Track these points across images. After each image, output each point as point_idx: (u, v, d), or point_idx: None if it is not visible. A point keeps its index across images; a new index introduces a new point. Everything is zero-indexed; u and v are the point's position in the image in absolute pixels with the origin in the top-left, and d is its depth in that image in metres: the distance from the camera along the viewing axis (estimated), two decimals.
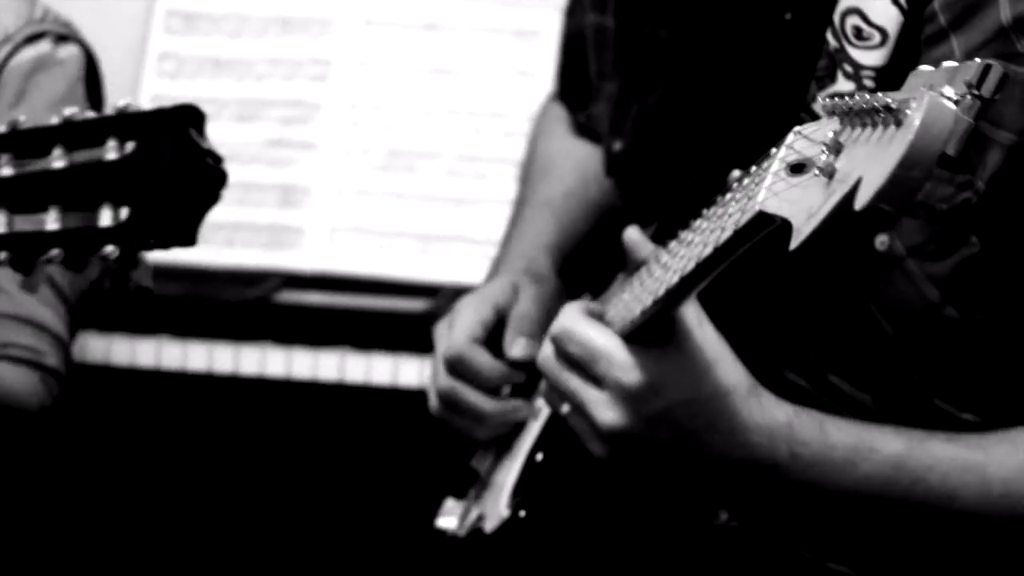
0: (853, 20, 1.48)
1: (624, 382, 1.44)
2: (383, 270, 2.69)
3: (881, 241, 1.49)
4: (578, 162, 1.94)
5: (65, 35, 1.99)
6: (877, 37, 1.49)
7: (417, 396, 1.89)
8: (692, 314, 1.44)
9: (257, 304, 2.63)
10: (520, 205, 1.96)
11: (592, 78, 1.82)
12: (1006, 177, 1.45)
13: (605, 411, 1.46)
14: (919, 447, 1.47)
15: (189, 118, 1.41)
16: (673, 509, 1.61)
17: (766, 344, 1.57)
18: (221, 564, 2.74)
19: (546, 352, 1.52)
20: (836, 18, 1.50)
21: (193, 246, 1.41)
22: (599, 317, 1.52)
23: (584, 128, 1.95)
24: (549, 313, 1.71)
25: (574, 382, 1.49)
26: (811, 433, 1.46)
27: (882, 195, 1.07)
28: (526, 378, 1.75)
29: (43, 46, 1.98)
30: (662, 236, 1.51)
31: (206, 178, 1.40)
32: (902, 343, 1.51)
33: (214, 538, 2.78)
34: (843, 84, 1.53)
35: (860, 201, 1.08)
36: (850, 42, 1.50)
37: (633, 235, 1.55)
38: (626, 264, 1.62)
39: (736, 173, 1.36)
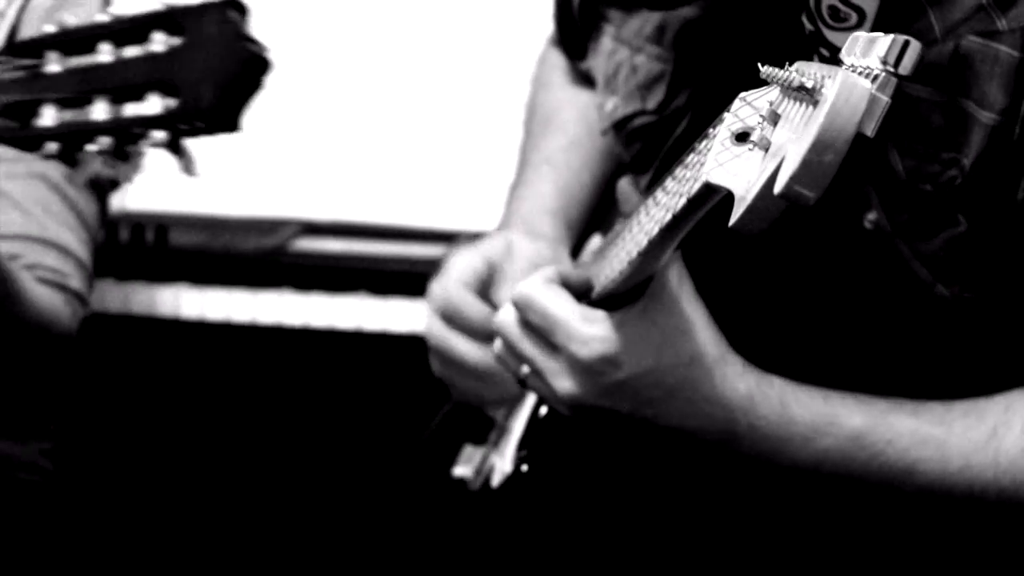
0: (829, 1, 1.45)
1: (580, 355, 1.45)
2: (400, 219, 2.68)
3: (869, 220, 1.48)
4: (581, 110, 1.91)
5: None
6: (854, 17, 1.45)
7: None
8: (669, 276, 1.44)
9: (275, 253, 2.63)
10: (522, 162, 1.94)
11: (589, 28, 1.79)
12: (990, 157, 1.42)
13: (562, 381, 1.47)
14: (881, 421, 1.47)
15: (234, 9, 1.43)
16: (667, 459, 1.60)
17: (762, 319, 1.56)
18: (240, 511, 2.75)
19: (507, 316, 1.52)
20: (812, 1, 1.46)
21: (237, 131, 1.43)
22: (575, 283, 1.51)
23: (584, 76, 1.91)
24: None
25: (532, 350, 1.49)
26: (771, 407, 1.46)
27: (796, 179, 1.05)
28: None
29: None
30: (652, 188, 1.49)
31: (249, 65, 1.42)
32: (893, 320, 1.50)
33: (234, 484, 2.78)
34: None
35: (778, 185, 1.07)
36: (827, 24, 1.47)
37: (623, 187, 1.55)
38: (619, 216, 1.61)
39: (700, 143, 1.34)
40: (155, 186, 2.62)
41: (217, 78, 1.42)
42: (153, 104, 1.43)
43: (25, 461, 2.05)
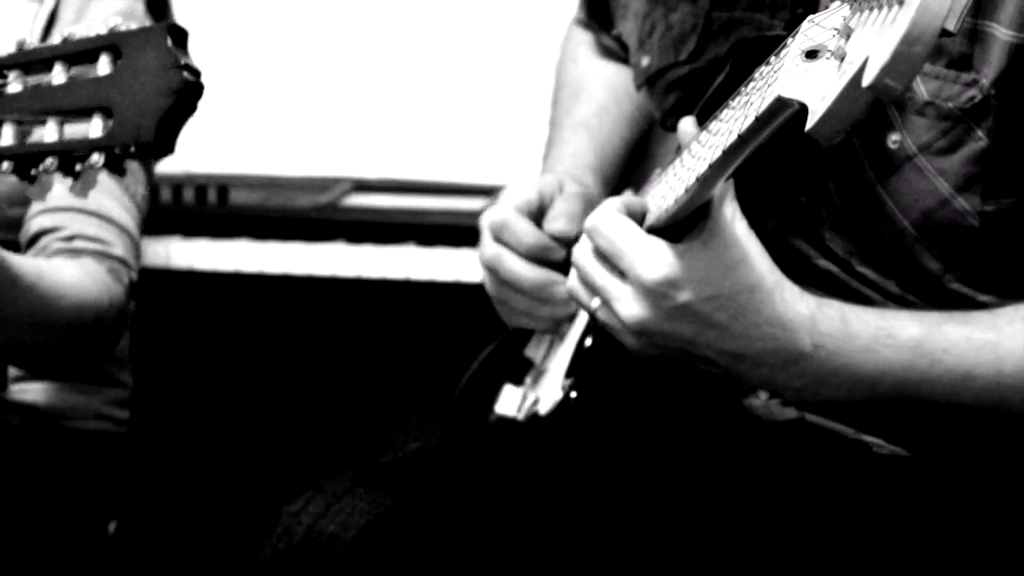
0: None
1: (644, 277, 1.42)
2: (443, 175, 2.69)
3: (893, 140, 1.50)
4: (608, 80, 1.93)
5: None
6: None
7: (478, 289, 1.90)
8: (725, 211, 1.42)
9: (328, 208, 2.63)
10: (556, 127, 1.95)
11: None
12: (1010, 75, 1.45)
13: (628, 304, 1.45)
14: (936, 330, 1.47)
15: (171, 35, 1.43)
16: (713, 390, 1.61)
17: (798, 235, 1.57)
18: (300, 447, 2.76)
19: (580, 245, 1.50)
20: None
21: (171, 154, 1.43)
22: (636, 210, 1.50)
23: (609, 50, 1.94)
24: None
25: (602, 275, 1.47)
26: (833, 324, 1.45)
27: (887, 70, 1.06)
28: (565, 258, 1.71)
29: None
30: (702, 126, 1.48)
31: (182, 93, 1.41)
32: (918, 234, 1.51)
33: (296, 424, 2.80)
34: None
35: (867, 78, 1.07)
36: None
37: (685, 125, 1.52)
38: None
39: (760, 69, 1.34)
40: (216, 149, 2.63)
41: (149, 104, 1.41)
42: (95, 126, 1.44)
43: (99, 410, 2.04)
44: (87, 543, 2.02)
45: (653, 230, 1.48)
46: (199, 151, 2.63)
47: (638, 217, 1.50)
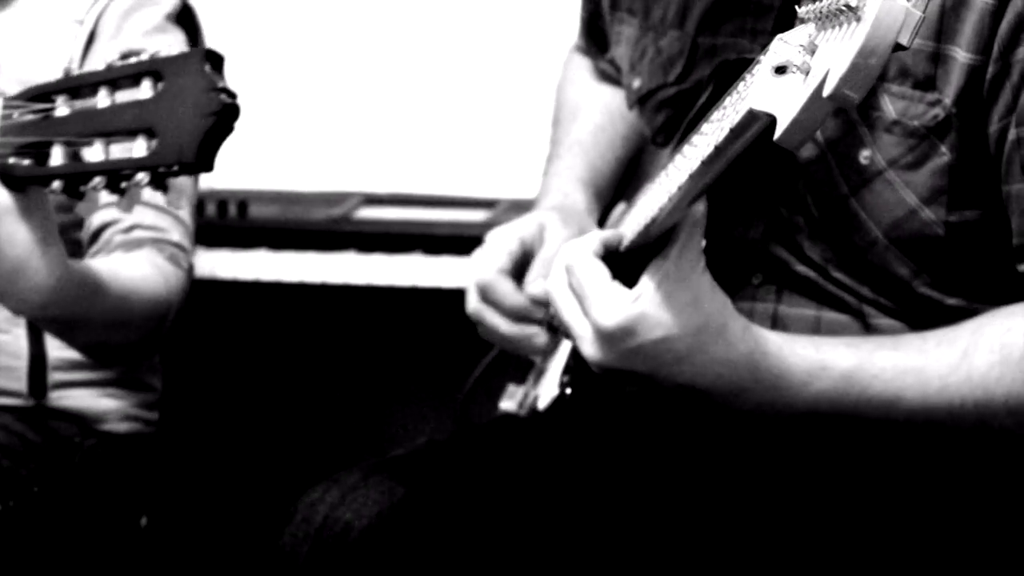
0: None
1: (601, 323, 1.45)
2: (448, 189, 2.71)
3: (864, 156, 1.51)
4: (604, 102, 1.96)
5: None
6: None
7: None
8: (683, 254, 1.44)
9: (341, 221, 2.64)
10: (555, 145, 1.97)
11: (611, 26, 1.83)
12: (968, 94, 1.47)
13: (588, 346, 1.47)
14: (867, 359, 1.48)
15: (208, 60, 1.45)
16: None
17: (779, 243, 1.59)
18: (316, 447, 2.78)
19: (558, 280, 1.52)
20: None
21: (210, 172, 1.45)
22: (612, 243, 1.52)
23: (605, 74, 1.97)
24: None
25: (570, 315, 1.50)
26: (770, 361, 1.47)
27: (845, 81, 1.09)
28: (544, 315, 1.74)
29: None
30: (680, 146, 1.50)
31: (220, 114, 1.44)
32: (888, 242, 1.53)
33: (311, 425, 2.83)
34: None
35: (828, 88, 1.10)
36: None
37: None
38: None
39: (736, 86, 1.36)
40: (236, 166, 2.64)
41: (191, 125, 1.43)
42: (139, 147, 1.47)
43: (131, 413, 2.04)
44: (121, 537, 2.04)
45: (632, 249, 1.51)
46: (220, 168, 2.58)
47: (614, 246, 1.52)
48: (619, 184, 1.96)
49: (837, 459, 1.57)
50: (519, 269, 1.76)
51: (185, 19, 2.02)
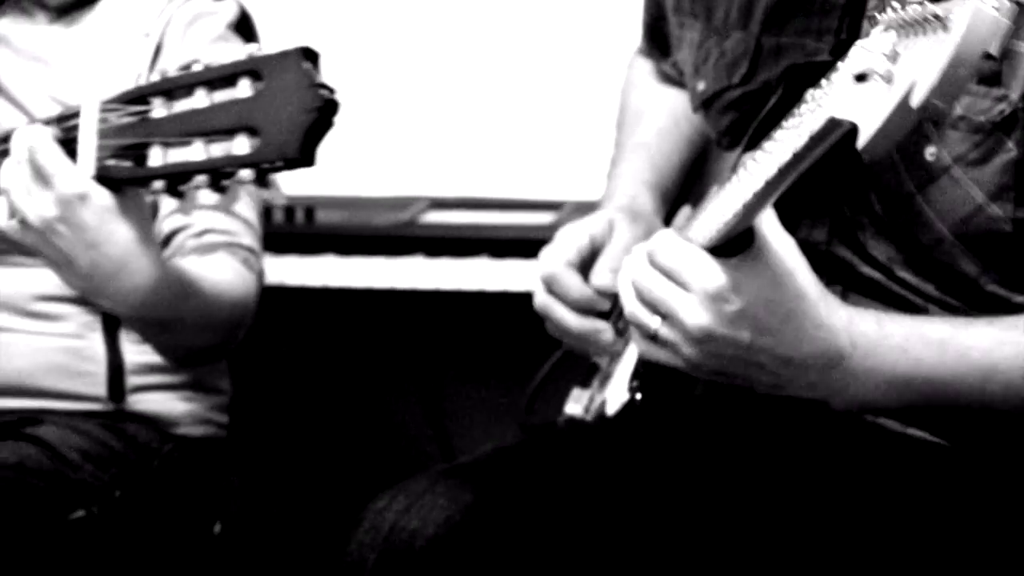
0: None
1: (707, 286, 1.42)
2: (513, 192, 2.72)
3: (931, 153, 1.50)
4: (668, 105, 1.95)
5: None
6: None
7: None
8: (772, 228, 1.43)
9: (407, 225, 2.65)
10: (619, 148, 1.96)
11: (673, 29, 1.83)
12: None
13: (692, 312, 1.44)
14: (962, 330, 1.48)
15: (306, 57, 1.46)
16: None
17: (842, 244, 1.58)
18: (380, 459, 2.79)
19: (639, 267, 1.50)
20: None
21: (312, 166, 1.46)
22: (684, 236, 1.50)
23: (668, 76, 1.96)
24: None
25: (665, 289, 1.46)
26: (868, 325, 1.46)
27: (935, 91, 1.08)
28: (611, 307, 1.73)
29: (202, 3, 2.00)
30: (752, 150, 1.48)
31: (322, 110, 1.45)
32: (955, 239, 1.52)
33: (383, 425, 2.84)
34: None
35: (916, 98, 1.10)
36: None
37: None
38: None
39: (811, 91, 1.37)
40: (302, 173, 2.64)
41: (293, 121, 1.44)
42: (241, 144, 1.48)
43: (204, 415, 2.06)
44: (197, 544, 2.05)
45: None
46: (287, 175, 2.62)
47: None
48: (683, 186, 1.95)
49: (906, 466, 1.56)
50: (586, 264, 1.75)
51: (243, 27, 2.05)
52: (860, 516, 1.53)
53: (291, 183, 2.61)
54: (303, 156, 1.45)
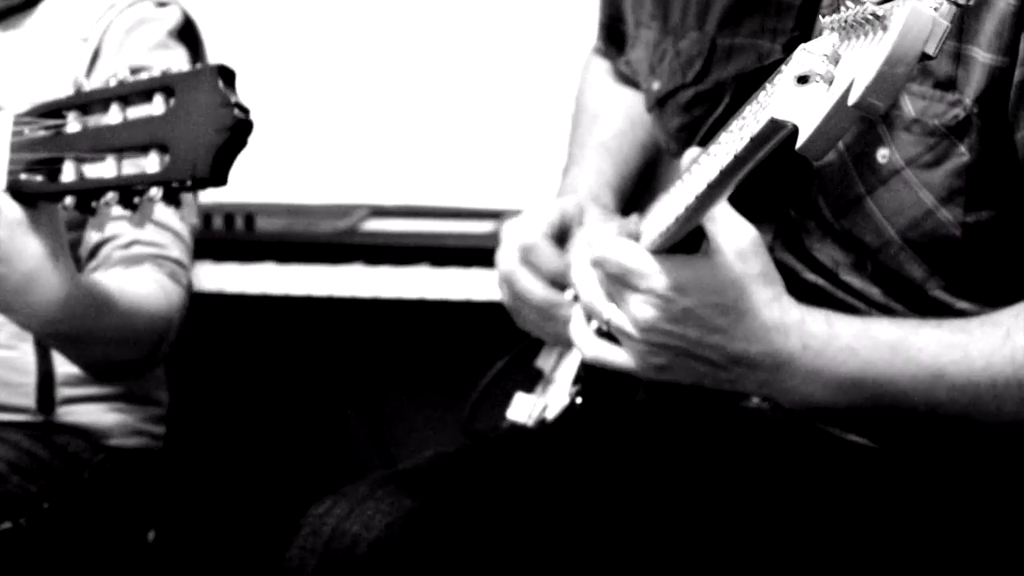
0: None
1: (653, 286, 1.44)
2: (454, 200, 2.70)
3: (882, 155, 1.50)
4: (624, 107, 1.94)
5: (164, 1, 1.99)
6: None
7: (487, 307, 1.89)
8: (728, 229, 1.44)
9: (347, 233, 2.64)
10: (578, 147, 1.95)
11: (629, 28, 1.82)
12: (989, 94, 1.46)
13: (638, 307, 1.46)
14: (912, 332, 1.48)
15: (221, 76, 1.44)
16: (708, 397, 1.61)
17: (786, 249, 1.58)
18: (319, 466, 2.78)
19: (588, 276, 1.53)
20: None
21: (223, 185, 1.43)
22: (634, 235, 1.51)
23: (625, 76, 1.95)
24: None
25: (614, 288, 1.49)
26: (819, 327, 1.47)
27: (871, 90, 1.08)
28: None
29: (144, 8, 1.98)
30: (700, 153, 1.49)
31: (234, 130, 1.42)
32: (903, 242, 1.52)
33: (320, 434, 2.82)
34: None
35: (853, 97, 1.09)
36: None
37: (688, 153, 1.52)
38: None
39: (756, 94, 1.35)
40: (243, 180, 2.60)
41: (204, 140, 1.42)
42: (152, 162, 1.45)
43: (138, 427, 2.03)
44: (130, 552, 2.03)
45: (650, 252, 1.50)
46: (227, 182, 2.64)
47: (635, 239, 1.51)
48: (634, 194, 1.94)
49: (852, 468, 1.56)
50: (557, 240, 1.74)
51: (187, 34, 2.01)
52: (794, 518, 1.53)
53: (231, 190, 2.58)
54: (213, 176, 1.42)
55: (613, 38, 1.94)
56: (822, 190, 1.54)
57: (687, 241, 1.46)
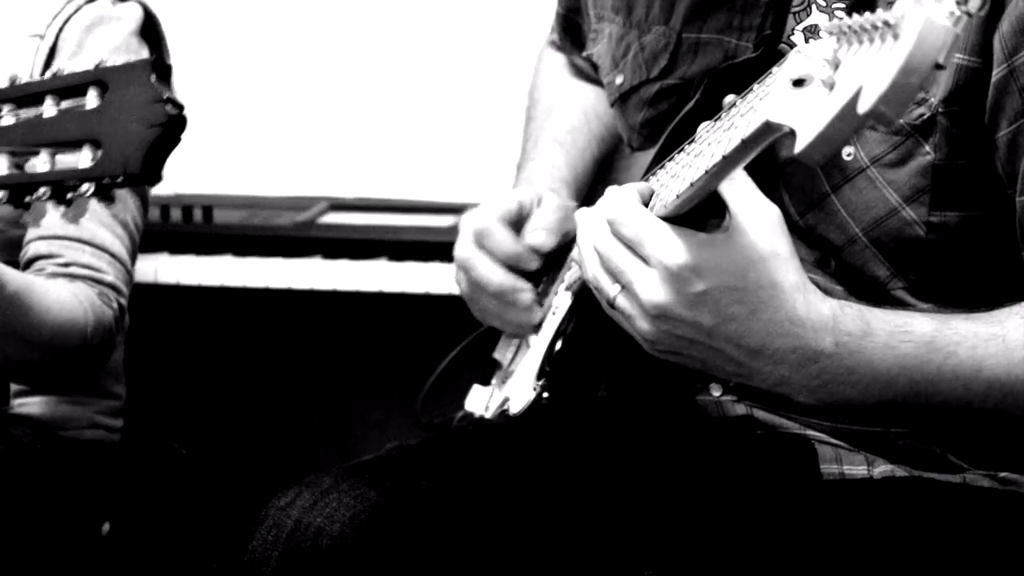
0: None
1: (667, 262, 1.33)
2: (413, 195, 2.70)
3: (847, 152, 1.48)
4: (579, 101, 1.91)
5: None
6: None
7: (446, 300, 1.87)
8: (750, 205, 1.35)
9: (306, 226, 2.63)
10: (532, 142, 1.91)
11: (589, 22, 1.80)
12: (957, 95, 1.44)
13: (650, 288, 1.35)
14: (947, 326, 1.41)
15: (155, 70, 1.40)
16: (671, 391, 1.60)
17: None
18: (280, 457, 2.76)
19: (600, 233, 1.41)
20: None
21: (159, 183, 1.41)
22: (645, 197, 1.42)
23: (581, 70, 1.93)
24: (565, 230, 1.70)
25: (625, 260, 1.37)
26: (854, 323, 1.38)
27: (884, 98, 1.05)
28: (539, 269, 1.71)
29: (102, 5, 1.95)
30: (665, 153, 1.48)
31: (167, 126, 1.38)
32: (868, 241, 1.50)
33: (277, 426, 2.80)
34: (817, 16, 1.52)
35: (864, 105, 1.06)
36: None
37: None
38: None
39: (730, 97, 1.33)
40: (202, 171, 2.63)
41: (136, 136, 1.38)
42: (85, 158, 1.41)
43: (94, 420, 2.02)
44: (82, 544, 2.00)
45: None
46: (186, 173, 2.63)
47: (646, 203, 1.42)
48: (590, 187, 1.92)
49: (794, 464, 1.54)
50: (514, 227, 1.71)
51: (149, 32, 1.98)
52: (753, 511, 1.52)
53: (190, 182, 2.59)
54: (145, 172, 1.38)
55: (569, 31, 1.92)
56: (787, 187, 1.52)
57: (704, 212, 1.38)
